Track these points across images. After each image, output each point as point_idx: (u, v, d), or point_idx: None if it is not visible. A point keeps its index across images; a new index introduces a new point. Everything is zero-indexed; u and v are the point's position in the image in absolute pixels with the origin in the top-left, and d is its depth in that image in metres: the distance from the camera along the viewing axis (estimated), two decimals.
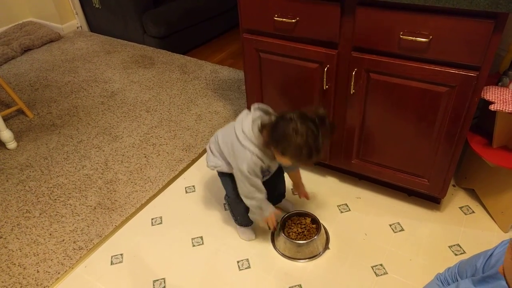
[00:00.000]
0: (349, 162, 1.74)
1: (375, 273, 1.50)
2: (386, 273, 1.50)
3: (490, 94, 1.39)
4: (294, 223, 1.64)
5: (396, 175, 1.66)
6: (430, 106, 1.40)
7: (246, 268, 1.55)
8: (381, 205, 1.77)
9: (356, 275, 1.50)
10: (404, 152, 1.57)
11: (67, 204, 1.87)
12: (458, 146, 1.45)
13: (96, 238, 1.71)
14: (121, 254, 1.64)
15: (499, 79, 1.48)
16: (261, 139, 1.32)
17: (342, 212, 1.75)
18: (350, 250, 1.59)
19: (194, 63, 3.00)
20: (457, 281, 1.05)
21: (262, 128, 1.30)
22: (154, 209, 1.83)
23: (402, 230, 1.65)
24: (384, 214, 1.72)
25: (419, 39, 1.27)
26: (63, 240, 1.71)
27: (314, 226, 1.63)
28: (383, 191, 1.82)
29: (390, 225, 1.68)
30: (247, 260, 1.58)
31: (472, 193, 1.78)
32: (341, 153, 1.73)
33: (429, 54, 1.29)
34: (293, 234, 1.60)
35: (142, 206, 1.85)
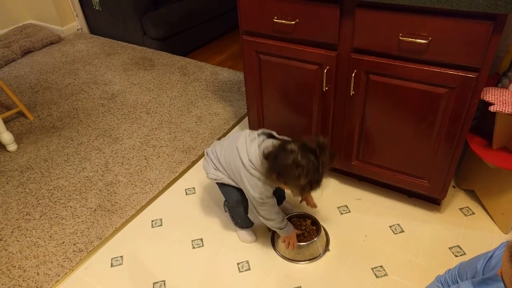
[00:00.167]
0: (349, 164, 1.74)
1: (375, 274, 1.50)
2: (386, 274, 1.49)
3: (490, 95, 1.39)
4: (294, 225, 1.64)
5: (396, 177, 1.66)
6: (430, 107, 1.40)
7: (246, 270, 1.55)
8: (381, 206, 1.76)
9: (356, 277, 1.49)
10: (404, 153, 1.57)
11: (67, 206, 1.88)
12: (458, 147, 1.45)
13: (96, 240, 1.71)
14: (121, 256, 1.64)
15: (499, 80, 1.48)
16: (264, 166, 1.34)
17: (342, 213, 1.75)
18: (350, 252, 1.59)
19: (194, 65, 3.00)
20: (457, 283, 1.05)
21: (265, 157, 1.33)
22: (154, 211, 1.83)
23: (402, 231, 1.65)
24: (384, 215, 1.72)
25: (419, 41, 1.27)
26: (63, 242, 1.71)
27: (314, 228, 1.63)
28: (383, 193, 1.82)
29: (390, 226, 1.67)
30: (247, 262, 1.58)
31: (472, 194, 1.78)
32: (341, 154, 1.73)
33: (428, 55, 1.30)
34: None
35: (142, 208, 1.85)
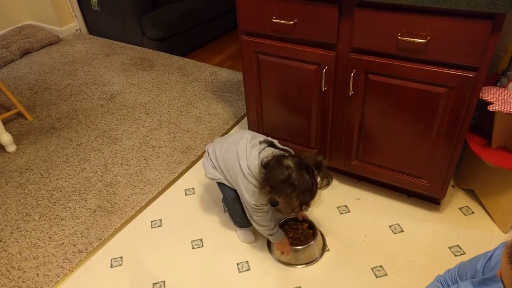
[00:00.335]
0: (348, 163, 1.74)
1: (375, 274, 1.50)
2: (386, 274, 1.49)
3: (489, 94, 1.39)
4: (291, 229, 1.63)
5: (395, 176, 1.66)
6: (429, 107, 1.40)
7: (246, 270, 1.55)
8: (380, 206, 1.76)
9: (356, 277, 1.49)
10: (403, 153, 1.57)
11: (67, 207, 1.87)
12: (457, 146, 1.45)
13: (95, 241, 1.70)
14: (120, 257, 1.64)
15: (498, 80, 1.48)
16: (259, 176, 1.35)
17: (341, 213, 1.75)
18: (350, 252, 1.58)
19: (193, 65, 3.00)
20: (457, 283, 1.05)
21: (262, 167, 1.33)
22: (153, 211, 1.83)
23: (402, 231, 1.65)
24: (383, 215, 1.72)
25: (417, 40, 1.27)
26: (63, 243, 1.70)
27: (310, 231, 1.61)
28: (383, 192, 1.82)
29: (390, 226, 1.67)
30: (247, 262, 1.58)
31: (471, 193, 1.78)
32: (340, 154, 1.73)
33: (427, 55, 1.30)
34: (289, 240, 1.58)
35: (142, 209, 1.84)
